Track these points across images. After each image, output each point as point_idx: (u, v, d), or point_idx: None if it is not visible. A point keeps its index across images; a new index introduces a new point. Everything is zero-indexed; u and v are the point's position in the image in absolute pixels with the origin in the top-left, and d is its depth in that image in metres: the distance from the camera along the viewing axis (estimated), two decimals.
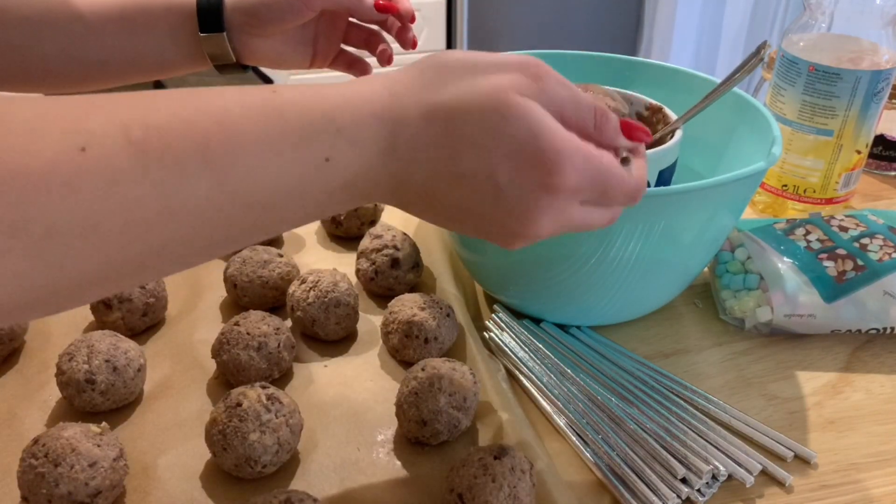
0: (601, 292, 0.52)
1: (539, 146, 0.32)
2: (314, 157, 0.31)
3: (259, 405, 0.42)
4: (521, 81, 0.33)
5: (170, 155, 0.27)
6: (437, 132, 0.32)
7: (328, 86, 0.33)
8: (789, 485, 0.44)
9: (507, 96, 0.32)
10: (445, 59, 0.34)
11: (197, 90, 0.30)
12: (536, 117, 0.32)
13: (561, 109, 0.34)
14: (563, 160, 0.32)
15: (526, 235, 0.34)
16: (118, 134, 0.27)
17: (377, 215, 0.67)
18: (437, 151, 0.32)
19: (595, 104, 0.35)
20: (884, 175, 0.81)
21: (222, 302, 0.59)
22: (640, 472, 0.44)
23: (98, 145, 0.26)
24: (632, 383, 0.50)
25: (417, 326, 0.51)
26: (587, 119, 0.35)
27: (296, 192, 0.31)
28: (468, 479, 0.39)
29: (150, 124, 0.27)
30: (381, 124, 0.32)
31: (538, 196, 0.33)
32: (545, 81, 0.33)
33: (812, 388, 0.52)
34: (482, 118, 0.32)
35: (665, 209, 0.46)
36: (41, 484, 0.39)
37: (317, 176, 0.31)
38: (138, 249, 0.28)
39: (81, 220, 0.26)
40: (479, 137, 0.32)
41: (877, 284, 0.54)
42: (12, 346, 0.52)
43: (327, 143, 0.31)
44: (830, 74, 0.64)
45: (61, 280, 0.27)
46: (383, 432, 0.47)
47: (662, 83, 0.63)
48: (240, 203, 0.30)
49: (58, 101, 0.27)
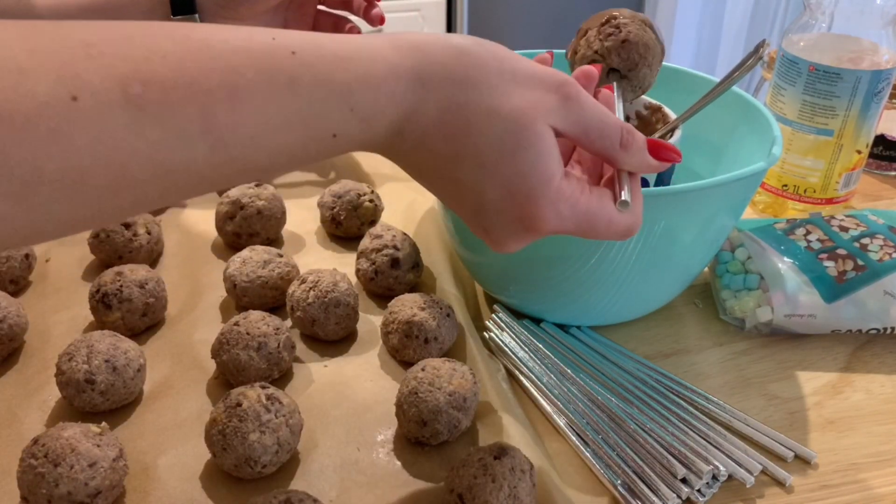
0: (601, 292, 0.52)
1: (528, 189, 0.32)
2: (321, 133, 0.30)
3: (259, 405, 0.42)
4: (550, 102, 0.33)
5: (169, 116, 0.26)
6: (449, 132, 0.32)
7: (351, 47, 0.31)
8: (789, 485, 0.44)
9: (532, 122, 0.32)
10: (485, 55, 0.32)
11: (210, 35, 0.28)
12: (542, 154, 0.32)
13: (586, 130, 0.34)
14: (546, 209, 0.33)
15: (495, 248, 0.36)
16: (114, 87, 0.25)
17: (377, 215, 0.67)
18: (444, 147, 0.32)
19: (622, 124, 0.35)
20: (884, 175, 0.81)
21: (222, 302, 0.59)
22: (640, 472, 0.44)
23: (91, 96, 0.25)
24: (632, 383, 0.50)
25: (417, 326, 0.51)
26: (613, 139, 0.35)
27: (296, 159, 0.31)
28: (468, 479, 0.39)
29: (151, 79, 0.26)
30: (397, 110, 0.31)
31: (516, 229, 0.34)
32: (574, 102, 0.33)
33: (812, 388, 0.52)
34: (498, 138, 0.32)
35: (665, 209, 0.46)
36: (41, 484, 0.39)
37: (321, 147, 0.31)
38: (129, 201, 0.28)
39: (69, 170, 0.25)
40: (487, 155, 0.32)
41: (877, 284, 0.54)
42: (12, 346, 0.52)
43: (337, 121, 0.30)
44: (830, 74, 0.64)
45: (47, 225, 0.26)
46: (383, 432, 0.47)
47: (662, 83, 0.63)
48: (237, 168, 0.29)
49: (51, 37, 0.25)
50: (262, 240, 0.64)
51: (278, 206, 0.64)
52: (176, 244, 0.66)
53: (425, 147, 0.33)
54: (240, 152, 0.28)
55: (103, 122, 0.25)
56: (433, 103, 0.32)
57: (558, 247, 0.49)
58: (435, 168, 0.34)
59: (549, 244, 0.49)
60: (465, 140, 0.32)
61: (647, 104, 0.58)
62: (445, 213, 0.56)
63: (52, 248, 0.65)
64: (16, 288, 0.59)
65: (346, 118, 0.30)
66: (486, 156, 0.32)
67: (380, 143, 0.32)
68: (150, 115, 0.26)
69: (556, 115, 0.33)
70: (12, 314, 0.52)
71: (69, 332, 0.55)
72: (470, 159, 0.32)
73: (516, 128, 0.32)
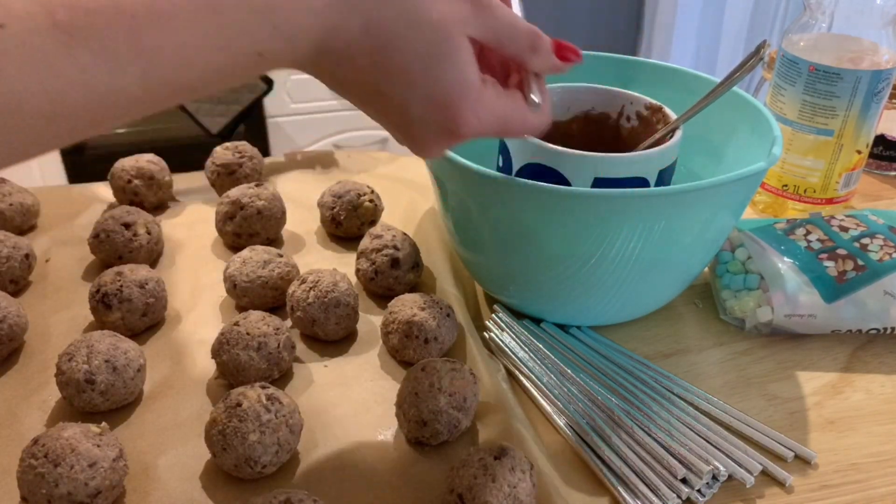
0: (601, 292, 0.52)
1: (451, 98, 0.35)
2: (247, 51, 0.31)
3: (259, 405, 0.42)
4: (465, 11, 0.35)
5: (97, 40, 0.27)
6: (373, 46, 0.34)
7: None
8: (789, 485, 0.44)
9: (451, 33, 0.34)
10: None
11: None
12: (462, 64, 0.35)
13: (499, 36, 0.37)
14: (467, 114, 0.36)
15: (419, 153, 0.39)
16: (40, 13, 0.26)
17: (377, 215, 0.67)
18: (368, 62, 0.34)
19: (532, 28, 0.38)
20: (884, 175, 0.81)
21: (222, 302, 0.59)
22: (640, 472, 0.44)
23: (18, 23, 0.25)
24: (632, 383, 0.50)
25: (417, 326, 0.51)
26: (523, 43, 0.38)
27: (227, 77, 0.32)
28: (468, 479, 0.39)
29: (75, 4, 0.27)
30: (320, 26, 0.32)
31: (440, 135, 0.37)
32: (486, 9, 0.36)
33: (812, 388, 0.52)
34: (421, 51, 0.34)
35: (665, 209, 0.46)
36: (41, 484, 0.39)
37: (247, 66, 0.32)
38: (66, 128, 0.28)
39: (4, 98, 0.26)
40: (411, 68, 0.34)
41: (877, 284, 0.54)
42: (12, 346, 0.52)
43: (261, 40, 0.31)
44: (831, 74, 0.64)
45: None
46: (383, 432, 0.47)
47: (662, 83, 0.63)
48: (170, 90, 0.30)
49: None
50: (262, 240, 0.64)
51: (278, 206, 0.64)
52: (176, 244, 0.66)
53: (350, 63, 0.34)
54: (170, 74, 0.29)
55: (34, 48, 0.26)
56: (356, 19, 0.33)
57: (558, 247, 0.49)
58: (360, 83, 0.36)
59: (548, 244, 0.49)
60: (388, 54, 0.34)
61: (647, 104, 0.58)
62: (445, 213, 0.56)
63: (52, 249, 0.65)
64: (16, 288, 0.59)
65: (271, 36, 0.31)
66: (409, 68, 0.34)
67: (305, 61, 0.34)
68: (78, 40, 0.27)
69: (471, 24, 0.35)
70: (12, 314, 0.52)
71: (69, 332, 0.55)
72: (394, 73, 0.34)
73: (437, 39, 0.34)
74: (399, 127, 0.37)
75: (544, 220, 0.48)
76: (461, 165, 0.48)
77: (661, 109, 0.57)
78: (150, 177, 0.68)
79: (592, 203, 0.46)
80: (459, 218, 0.54)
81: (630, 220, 0.46)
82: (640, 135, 0.58)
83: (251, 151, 0.72)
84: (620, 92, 0.59)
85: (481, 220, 0.51)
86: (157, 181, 0.69)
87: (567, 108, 0.60)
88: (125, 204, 0.68)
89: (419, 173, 0.77)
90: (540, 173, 0.51)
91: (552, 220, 0.47)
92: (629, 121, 0.59)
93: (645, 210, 0.46)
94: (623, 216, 0.46)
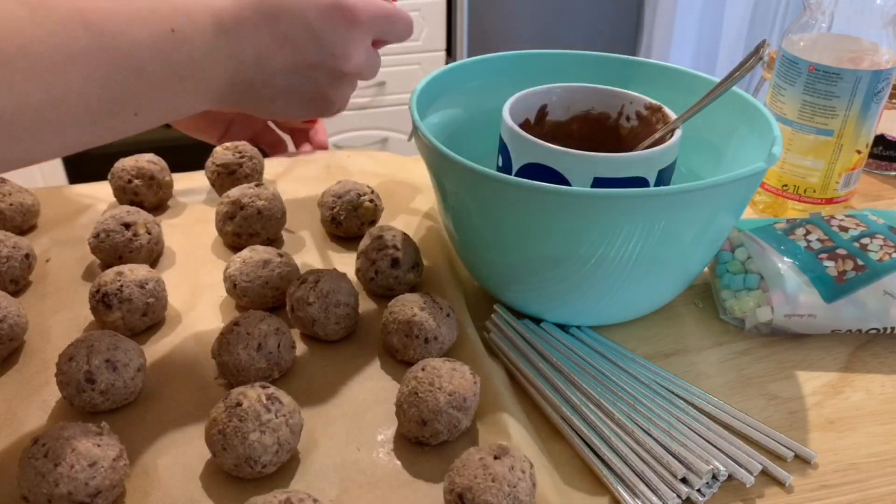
0: (601, 292, 0.52)
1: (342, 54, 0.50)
2: (162, 28, 0.42)
3: (259, 405, 0.42)
4: None
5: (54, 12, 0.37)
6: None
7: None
8: (789, 485, 0.44)
9: None
10: None
11: None
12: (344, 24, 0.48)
13: None
14: (355, 59, 0.50)
15: (342, 70, 0.50)
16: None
17: (377, 215, 0.67)
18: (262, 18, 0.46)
19: None
20: (884, 175, 0.81)
21: (222, 302, 0.59)
22: (640, 472, 0.44)
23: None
24: (632, 383, 0.50)
25: (417, 326, 0.51)
26: None
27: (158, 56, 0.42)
28: (468, 479, 0.39)
29: None
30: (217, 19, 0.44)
31: (345, 30, 0.48)
32: None
33: (812, 388, 0.52)
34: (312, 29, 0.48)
35: (665, 209, 0.46)
36: (41, 484, 0.39)
37: (166, 42, 0.42)
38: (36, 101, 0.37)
39: None
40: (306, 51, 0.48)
41: (877, 284, 0.54)
42: (12, 346, 0.52)
43: (173, 19, 0.42)
44: (830, 74, 0.64)
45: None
46: (383, 432, 0.47)
47: (662, 83, 0.63)
48: (114, 63, 0.39)
49: None
50: (262, 240, 0.64)
51: (278, 206, 0.64)
52: (176, 244, 0.66)
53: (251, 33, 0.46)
54: (112, 43, 0.39)
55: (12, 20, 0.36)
56: None
57: (558, 247, 0.49)
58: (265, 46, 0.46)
59: (549, 244, 0.49)
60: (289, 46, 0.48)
61: (647, 104, 0.58)
62: (445, 212, 0.57)
63: (52, 249, 0.65)
64: (16, 288, 0.59)
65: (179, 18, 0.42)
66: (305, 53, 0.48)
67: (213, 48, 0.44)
68: (39, 13, 0.36)
69: None
70: (12, 314, 0.52)
71: (69, 332, 0.55)
72: (287, 12, 0.46)
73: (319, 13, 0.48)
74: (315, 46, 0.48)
75: (544, 220, 0.48)
76: (461, 165, 0.48)
77: (660, 109, 0.57)
78: (151, 177, 0.68)
79: (592, 203, 0.46)
80: (459, 218, 0.54)
81: (630, 219, 0.46)
82: (640, 135, 0.58)
83: (251, 151, 0.72)
84: (620, 92, 0.59)
85: (481, 220, 0.51)
86: (157, 181, 0.69)
87: (567, 108, 0.60)
88: (125, 204, 0.68)
89: (419, 173, 0.77)
90: (540, 173, 0.51)
91: (552, 220, 0.47)
92: (629, 121, 0.59)
93: (645, 210, 0.46)
94: (623, 216, 0.46)
